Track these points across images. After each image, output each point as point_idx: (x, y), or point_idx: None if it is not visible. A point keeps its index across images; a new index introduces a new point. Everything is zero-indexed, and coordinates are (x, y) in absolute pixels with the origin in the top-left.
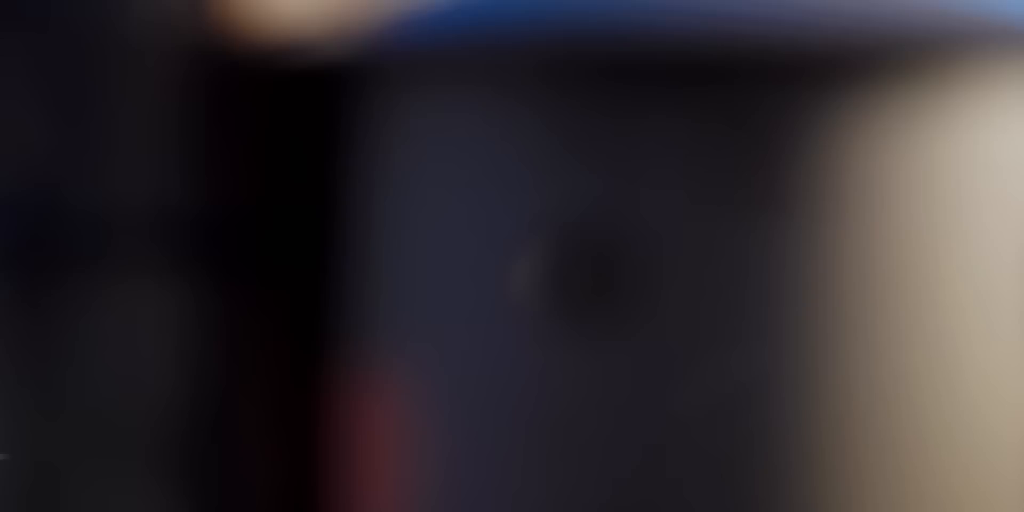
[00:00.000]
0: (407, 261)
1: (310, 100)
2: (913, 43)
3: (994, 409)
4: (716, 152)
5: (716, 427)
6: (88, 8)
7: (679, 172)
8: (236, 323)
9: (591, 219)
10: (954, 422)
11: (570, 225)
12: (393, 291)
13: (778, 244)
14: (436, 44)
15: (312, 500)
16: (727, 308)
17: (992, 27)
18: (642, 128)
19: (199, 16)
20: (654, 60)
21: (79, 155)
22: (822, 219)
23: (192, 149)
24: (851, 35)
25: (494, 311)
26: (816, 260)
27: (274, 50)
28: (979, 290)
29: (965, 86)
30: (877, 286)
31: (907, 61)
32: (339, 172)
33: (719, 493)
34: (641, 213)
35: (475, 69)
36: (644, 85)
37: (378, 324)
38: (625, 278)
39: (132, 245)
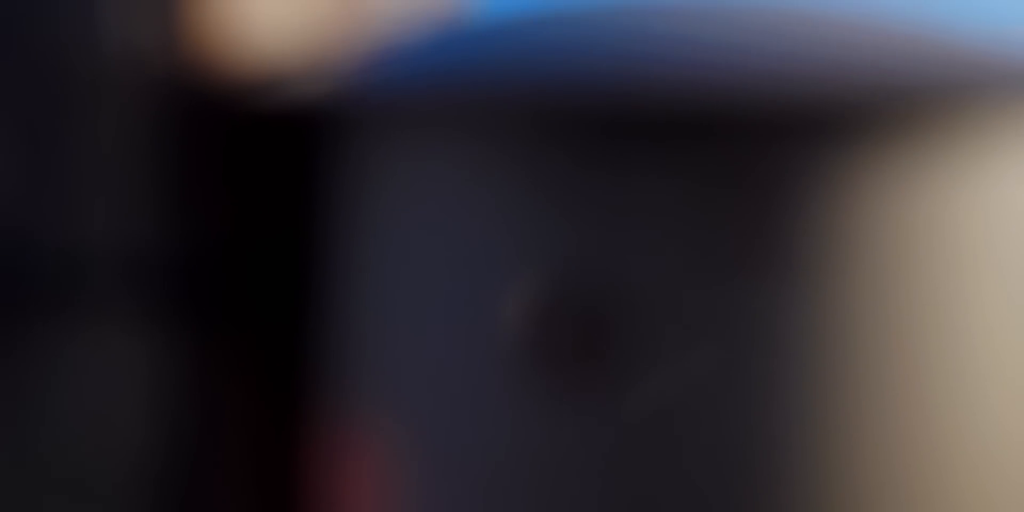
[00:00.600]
0: (387, 309)
1: (287, 141)
2: (920, 94)
3: (1015, 476)
4: (713, 209)
5: (716, 499)
6: (56, 44)
7: (673, 230)
8: (210, 370)
9: (578, 277)
10: (970, 491)
11: (556, 283)
12: (372, 340)
13: (779, 305)
14: (419, 88)
15: None
16: (725, 372)
17: (1001, 73)
18: (635, 183)
19: (172, 54)
20: (649, 114)
21: (44, 195)
22: (826, 280)
23: (164, 190)
24: (853, 87)
25: (475, 366)
26: (820, 323)
27: (250, 89)
28: (996, 351)
29: (976, 137)
30: (886, 348)
31: (913, 113)
32: (317, 216)
33: None
34: (632, 271)
35: (459, 116)
36: (638, 139)
37: (357, 373)
38: (614, 340)
39: (101, 289)
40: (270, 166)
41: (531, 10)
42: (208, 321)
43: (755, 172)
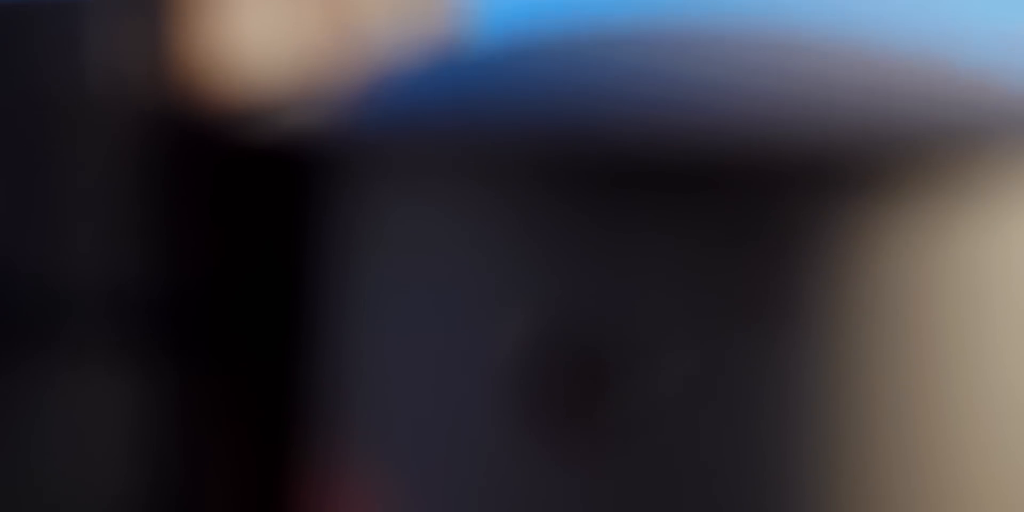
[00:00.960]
0: (378, 349)
1: (276, 175)
2: (932, 143)
3: None
4: (720, 262)
5: None
6: (38, 76)
7: (676, 281)
8: (196, 410)
9: (576, 326)
10: None
11: (553, 332)
12: (363, 383)
13: (787, 359)
14: (413, 125)
15: None
16: (732, 426)
17: (1014, 116)
18: (637, 232)
19: (158, 85)
20: (653, 163)
21: (27, 228)
22: (835, 331)
23: (150, 224)
24: (863, 136)
25: (469, 411)
26: (830, 375)
27: (239, 121)
28: (1015, 403)
29: (990, 184)
30: (899, 400)
31: (925, 161)
32: (308, 255)
33: None
34: (633, 322)
35: (454, 157)
36: (640, 187)
37: (347, 414)
38: (613, 391)
39: (84, 325)
40: (259, 201)
41: (530, 41)
42: (194, 359)
43: (761, 221)
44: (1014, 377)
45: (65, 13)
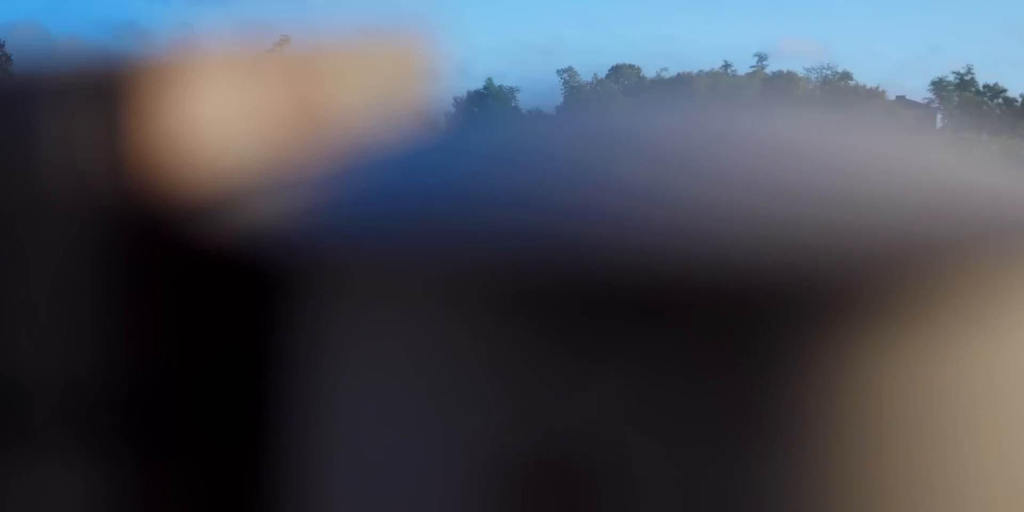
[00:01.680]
0: (342, 450)
1: (238, 271)
2: (923, 259)
3: None
4: (704, 388)
5: None
6: None
7: (659, 408)
8: (158, 509)
9: (551, 452)
10: None
11: (527, 453)
12: (328, 481)
13: (777, 488)
14: (380, 239)
15: None
16: None
17: (1008, 225)
18: (612, 364)
19: (115, 179)
20: (630, 290)
21: None
22: (828, 453)
23: (107, 321)
24: (849, 254)
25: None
26: (821, 497)
27: (200, 217)
28: None
29: (984, 305)
30: None
31: (915, 279)
32: (271, 349)
33: None
34: (606, 450)
35: (420, 276)
36: (617, 317)
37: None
38: None
39: (42, 424)
40: (220, 295)
41: (506, 144)
42: (156, 454)
43: (750, 344)
44: (1013, 497)
45: (14, 105)
